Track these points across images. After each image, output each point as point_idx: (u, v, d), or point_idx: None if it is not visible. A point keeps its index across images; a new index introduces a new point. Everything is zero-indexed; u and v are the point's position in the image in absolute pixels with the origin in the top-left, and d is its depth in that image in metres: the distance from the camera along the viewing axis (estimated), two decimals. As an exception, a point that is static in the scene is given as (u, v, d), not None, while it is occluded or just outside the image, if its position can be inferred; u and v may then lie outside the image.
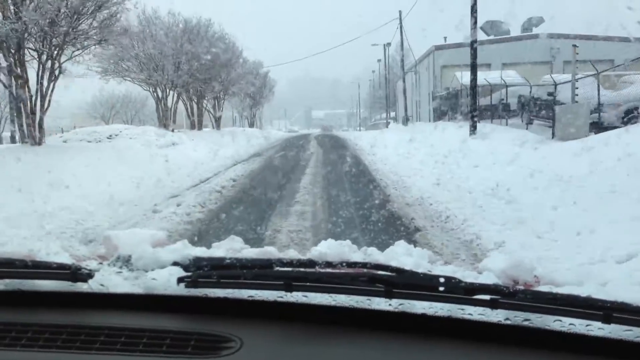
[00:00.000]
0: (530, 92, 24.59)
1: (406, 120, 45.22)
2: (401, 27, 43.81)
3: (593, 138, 14.35)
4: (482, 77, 34.44)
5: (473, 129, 23.75)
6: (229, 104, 51.88)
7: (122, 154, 15.75)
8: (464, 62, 38.76)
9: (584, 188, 8.73)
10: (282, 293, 1.47)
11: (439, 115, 39.15)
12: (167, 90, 28.19)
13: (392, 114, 69.36)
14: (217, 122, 39.20)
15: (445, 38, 44.18)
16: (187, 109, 33.80)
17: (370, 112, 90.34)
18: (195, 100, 33.26)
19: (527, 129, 22.69)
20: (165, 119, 27.76)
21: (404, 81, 45.36)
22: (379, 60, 78.80)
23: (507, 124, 25.51)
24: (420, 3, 41.58)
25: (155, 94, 27.74)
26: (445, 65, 40.42)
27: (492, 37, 44.25)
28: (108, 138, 19.13)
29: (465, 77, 35.76)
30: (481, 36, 46.97)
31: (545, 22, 45.90)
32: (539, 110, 24.31)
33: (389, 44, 65.99)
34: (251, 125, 53.64)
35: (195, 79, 27.86)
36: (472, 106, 23.79)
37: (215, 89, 33.05)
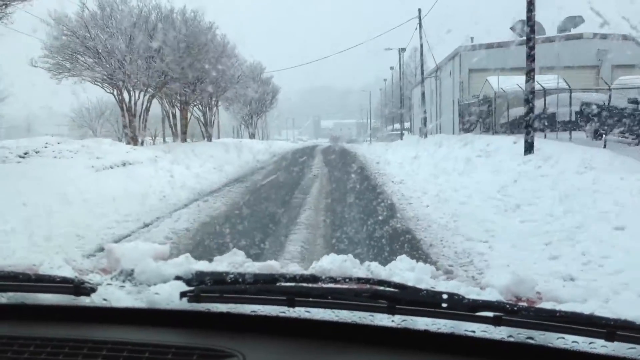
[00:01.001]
0: (610, 98, 18.26)
1: (425, 132, 39.00)
2: (420, 25, 37.74)
3: None
4: (517, 82, 28.41)
5: (529, 146, 17.50)
6: (228, 112, 45.94)
7: (10, 188, 9.69)
8: (497, 65, 32.56)
9: None
10: (285, 308, 1.44)
11: (466, 126, 32.91)
12: (136, 92, 22.17)
13: (406, 124, 63.02)
14: (209, 133, 33.13)
15: (472, 38, 37.99)
16: (168, 118, 27.80)
17: (381, 122, 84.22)
18: (179, 106, 27.24)
19: (605, 146, 16.40)
20: (133, 129, 21.71)
21: (422, 86, 39.13)
22: (391, 68, 72.98)
23: (570, 139, 19.17)
24: (440, 5, 35.77)
25: (119, 97, 21.68)
26: (474, 69, 34.18)
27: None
28: (21, 157, 13.06)
29: (503, 82, 29.62)
30: (511, 37, 40.85)
31: (585, 22, 39.58)
32: (616, 122, 18.10)
33: (403, 49, 60.02)
34: (252, 135, 47.46)
35: (171, 78, 21.81)
36: (528, 117, 17.43)
37: (202, 93, 26.99)
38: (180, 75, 21.96)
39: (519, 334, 1.34)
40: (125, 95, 21.87)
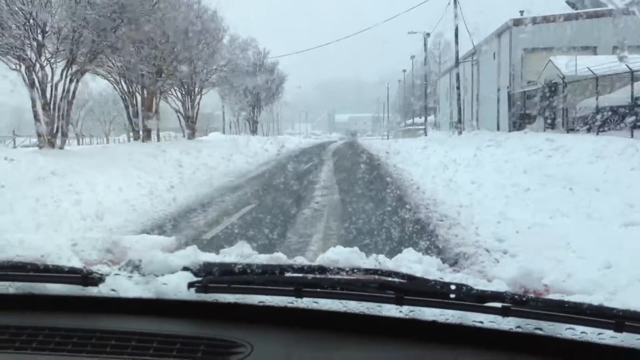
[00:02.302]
0: None
1: (460, 128, 31.33)
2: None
3: None
4: (589, 63, 20.59)
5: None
6: (225, 103, 38.54)
7: None
8: (562, 43, 24.84)
9: None
10: (293, 299, 1.42)
11: (520, 120, 25.19)
12: (60, 69, 14.77)
13: (429, 118, 55.04)
14: (191, 128, 25.69)
15: (521, 12, 30.05)
16: (127, 108, 20.43)
17: (400, 115, 76.36)
18: (140, 92, 19.83)
19: None
20: (47, 124, 14.32)
21: (457, 70, 31.36)
22: (412, 57, 64.99)
23: None
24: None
25: (28, 76, 14.25)
26: (530, 48, 26.31)
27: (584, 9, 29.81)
28: None
29: (568, 64, 21.92)
30: (568, 11, 32.87)
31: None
32: None
33: (428, 34, 51.96)
34: (254, 131, 39.89)
35: (109, 47, 14.39)
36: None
37: (172, 74, 19.54)
38: (123, 43, 14.51)
39: (527, 325, 1.31)
40: (45, 74, 14.45)
